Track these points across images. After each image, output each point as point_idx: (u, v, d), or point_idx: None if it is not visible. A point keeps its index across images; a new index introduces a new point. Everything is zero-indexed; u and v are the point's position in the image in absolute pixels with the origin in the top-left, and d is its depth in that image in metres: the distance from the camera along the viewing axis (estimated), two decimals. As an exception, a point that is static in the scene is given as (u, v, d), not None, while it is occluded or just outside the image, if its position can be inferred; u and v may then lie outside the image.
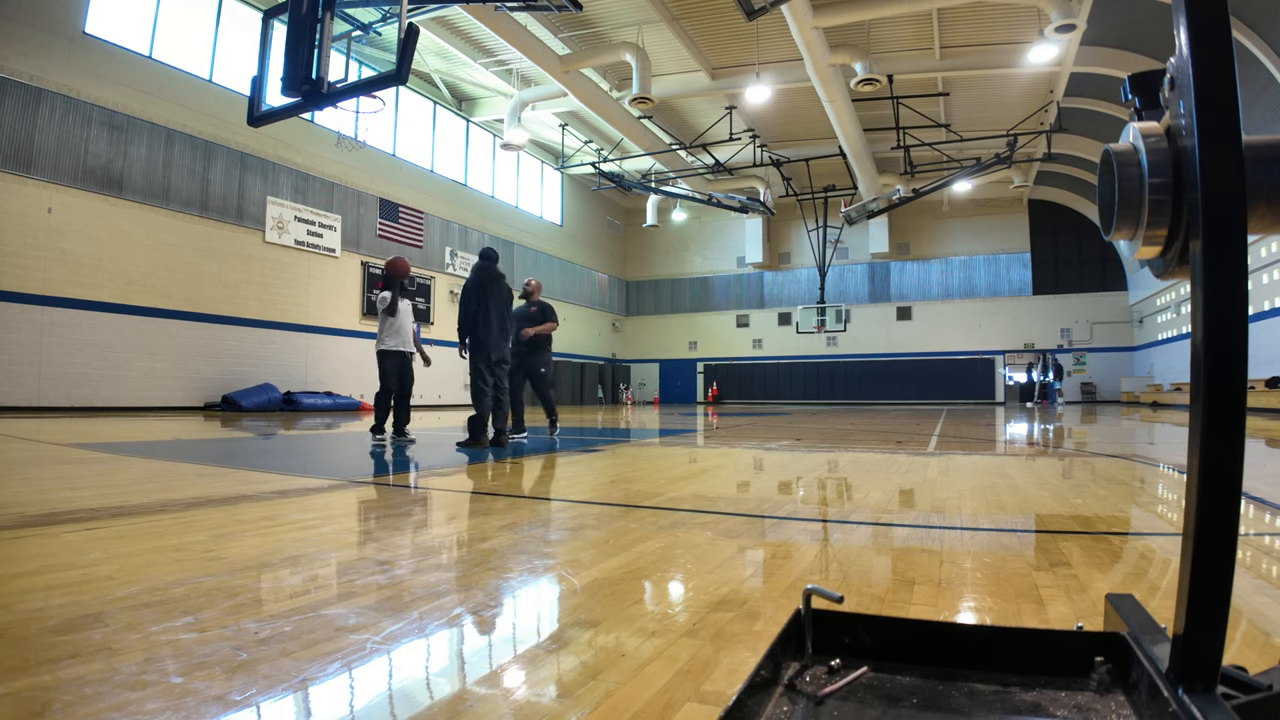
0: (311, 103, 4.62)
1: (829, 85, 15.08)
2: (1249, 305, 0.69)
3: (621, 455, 5.28)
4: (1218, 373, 0.65)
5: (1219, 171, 0.64)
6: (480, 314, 5.86)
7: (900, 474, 4.00)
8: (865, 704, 0.81)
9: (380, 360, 6.74)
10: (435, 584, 1.65)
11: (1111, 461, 4.70)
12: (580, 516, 2.60)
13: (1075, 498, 3.09)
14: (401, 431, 6.65)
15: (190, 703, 0.99)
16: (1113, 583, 1.70)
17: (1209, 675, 0.68)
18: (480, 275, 5.97)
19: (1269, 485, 3.47)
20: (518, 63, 16.70)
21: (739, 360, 28.84)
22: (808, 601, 0.91)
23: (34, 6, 11.06)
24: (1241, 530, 2.20)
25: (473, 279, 5.97)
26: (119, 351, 12.11)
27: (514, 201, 23.23)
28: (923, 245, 27.01)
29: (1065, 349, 25.03)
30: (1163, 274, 0.77)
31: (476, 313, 5.87)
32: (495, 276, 6.02)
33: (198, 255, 13.41)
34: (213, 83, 13.78)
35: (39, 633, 1.28)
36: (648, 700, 1.02)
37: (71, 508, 2.64)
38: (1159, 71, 0.76)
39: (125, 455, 4.79)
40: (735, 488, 3.55)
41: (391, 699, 1.06)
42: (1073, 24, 11.98)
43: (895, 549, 2.11)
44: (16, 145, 10.89)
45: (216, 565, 1.81)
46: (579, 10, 11.08)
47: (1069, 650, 0.86)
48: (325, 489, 3.41)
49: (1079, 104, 17.01)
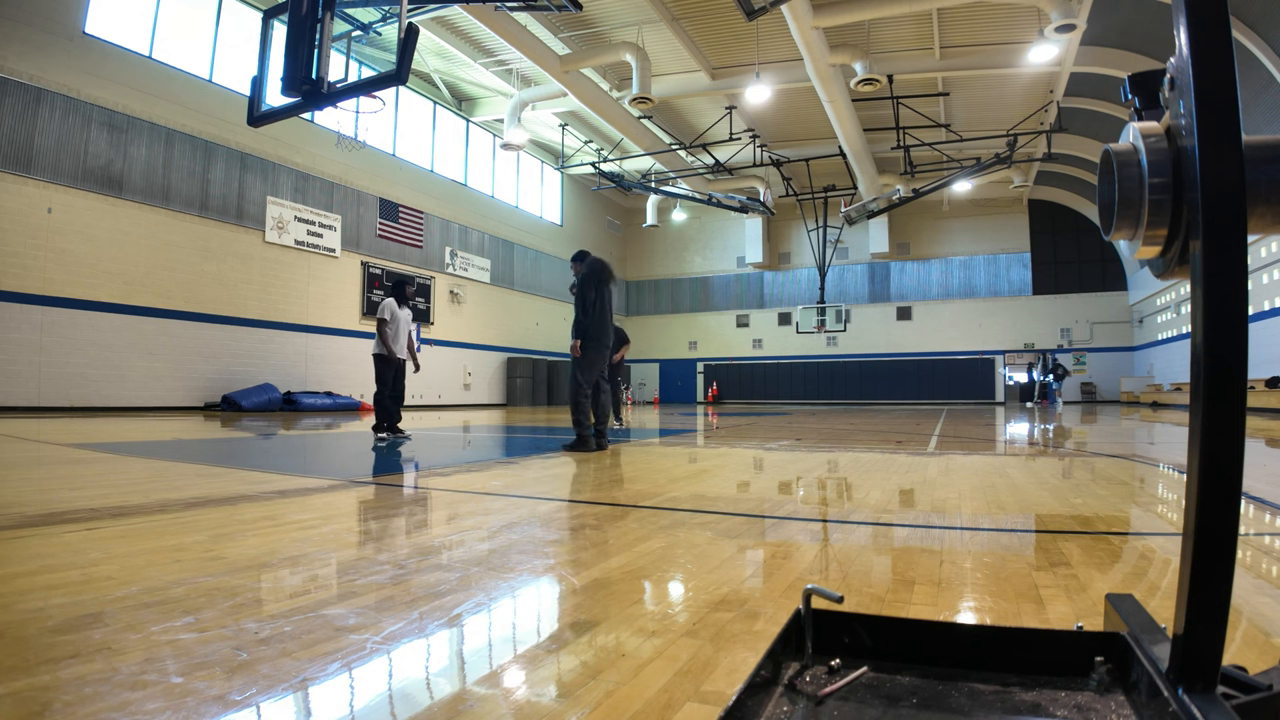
0: (311, 103, 4.62)
1: (829, 85, 15.08)
2: (1249, 305, 0.69)
3: (621, 455, 5.28)
4: (1218, 373, 0.65)
5: (1219, 171, 0.64)
6: (599, 307, 5.58)
7: (900, 474, 4.00)
8: (865, 704, 0.81)
9: (377, 364, 7.07)
10: (435, 584, 1.65)
11: (1111, 461, 4.70)
12: (580, 516, 2.60)
13: (1075, 497, 3.10)
14: (395, 429, 7.03)
15: (190, 703, 0.99)
16: (1113, 583, 1.70)
17: (1209, 675, 0.68)
18: (594, 265, 5.74)
19: (1269, 485, 3.47)
20: (518, 63, 16.70)
21: (739, 360, 28.84)
22: (808, 601, 0.91)
23: (34, 6, 11.06)
24: (1241, 530, 2.19)
25: (588, 270, 5.68)
26: (119, 351, 12.10)
27: (514, 201, 23.23)
28: (923, 245, 27.01)
29: (1065, 349, 25.02)
30: (1163, 274, 0.77)
31: (595, 304, 5.56)
32: (609, 270, 5.81)
33: (197, 255, 13.40)
34: (213, 83, 13.78)
35: (39, 633, 1.28)
36: (648, 700, 1.02)
37: (71, 508, 2.64)
38: (1159, 71, 0.76)
39: (125, 455, 4.79)
40: (735, 488, 3.55)
41: (391, 699, 1.06)
42: (1073, 24, 11.98)
43: (895, 549, 2.11)
44: (16, 145, 10.89)
45: (216, 565, 1.81)
46: (579, 10, 11.08)
47: (1069, 650, 0.86)
48: (325, 489, 3.41)
49: (1079, 104, 17.01)
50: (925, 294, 26.90)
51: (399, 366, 7.12)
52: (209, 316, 13.53)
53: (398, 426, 7.08)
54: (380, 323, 6.99)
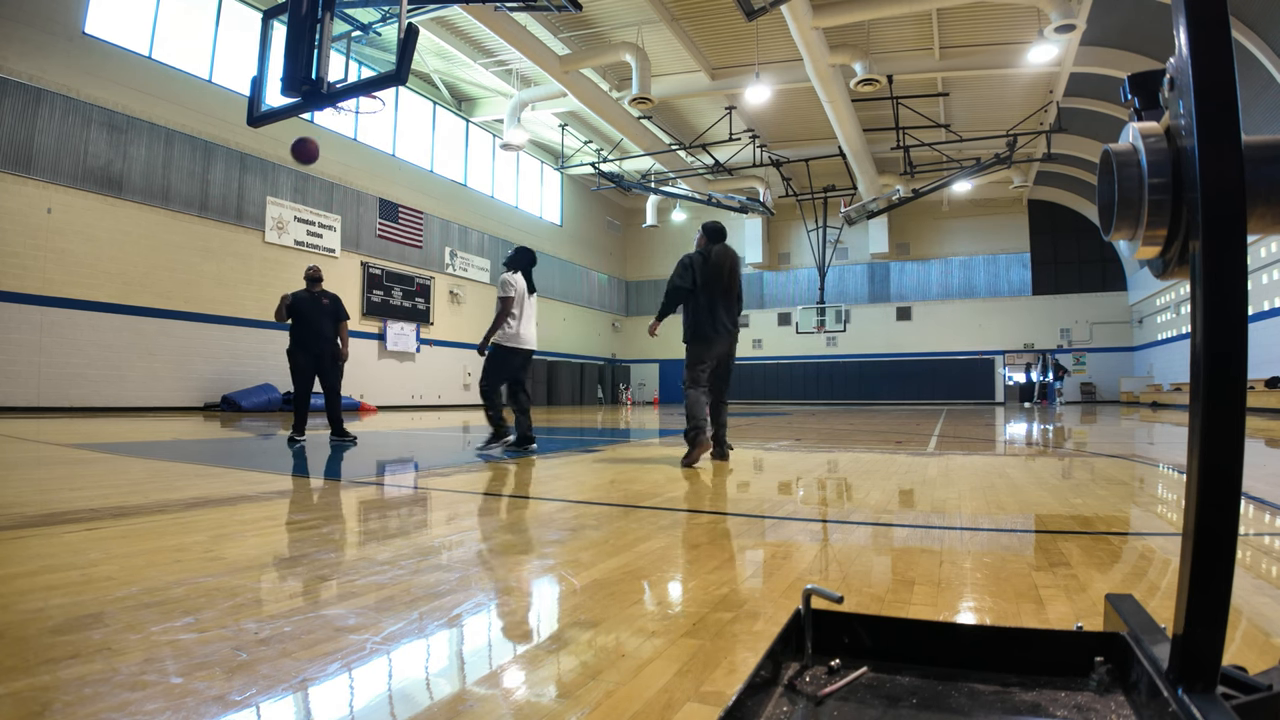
0: (311, 103, 4.62)
1: (829, 85, 15.08)
2: (1249, 305, 0.69)
3: (621, 455, 5.28)
4: (1218, 373, 0.65)
5: (1219, 171, 0.64)
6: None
7: (900, 474, 4.00)
8: (865, 704, 0.81)
9: (495, 358, 5.72)
10: (435, 584, 1.65)
11: (1111, 461, 4.70)
12: (580, 516, 2.60)
13: (1075, 498, 3.10)
14: (524, 441, 5.51)
15: (190, 703, 0.99)
16: (1112, 583, 1.70)
17: (1209, 675, 0.68)
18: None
19: (1269, 485, 3.47)
20: (517, 63, 16.70)
21: (739, 360, 28.70)
22: (808, 601, 0.91)
23: (34, 6, 11.06)
24: (1241, 530, 2.20)
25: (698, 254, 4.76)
26: (118, 351, 12.10)
27: (514, 201, 23.23)
28: (922, 245, 27.01)
29: (1065, 349, 25.03)
30: (1162, 274, 0.77)
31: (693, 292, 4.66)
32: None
33: (197, 255, 13.40)
34: (212, 83, 13.77)
35: (39, 633, 1.28)
36: (648, 700, 1.02)
37: (71, 508, 2.64)
38: (1159, 71, 0.76)
39: (125, 455, 4.79)
40: (735, 488, 3.55)
41: (391, 699, 1.06)
42: (1072, 24, 11.98)
43: (895, 549, 2.11)
44: (16, 145, 10.89)
45: (216, 565, 1.81)
46: (579, 10, 11.07)
47: (1069, 650, 0.86)
48: (325, 489, 3.41)
49: (1079, 104, 17.01)
50: (925, 294, 26.90)
51: (526, 357, 5.58)
52: (209, 317, 13.53)
53: (527, 435, 5.44)
54: (503, 301, 5.45)
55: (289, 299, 6.43)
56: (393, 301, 17.82)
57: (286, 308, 6.42)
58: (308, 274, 6.64)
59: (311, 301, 6.54)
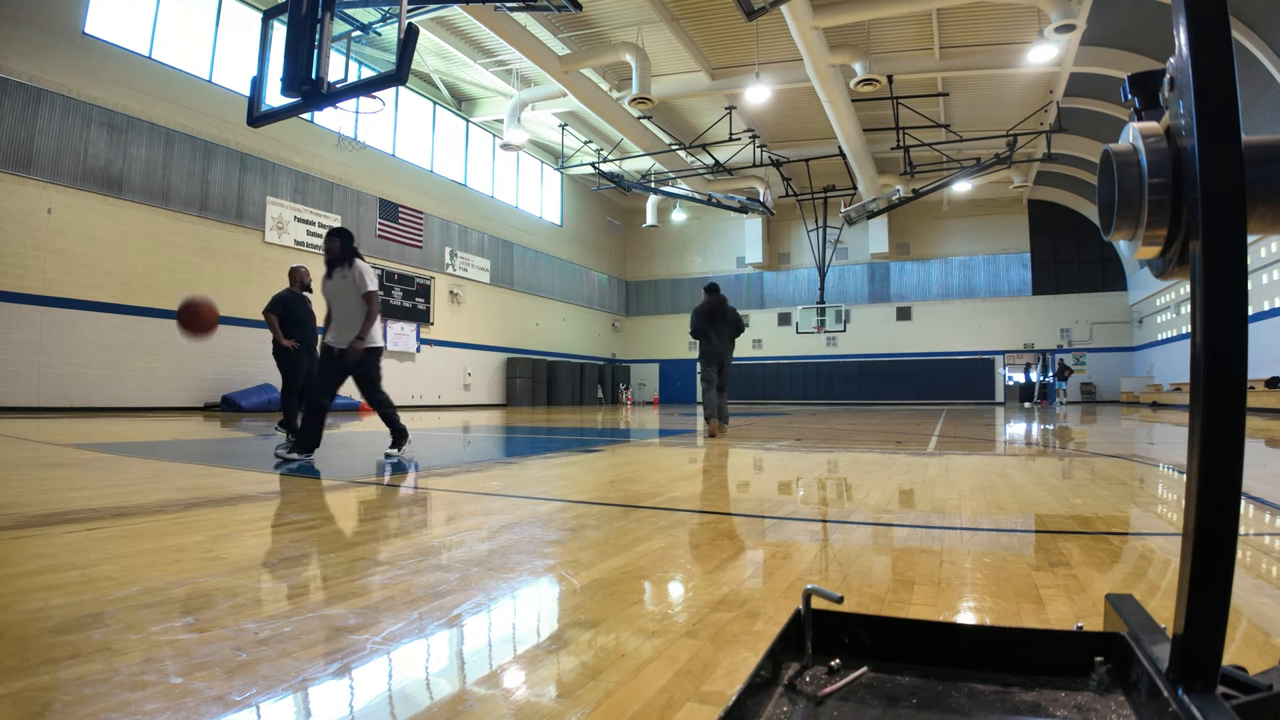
0: (311, 103, 4.62)
1: (829, 85, 15.08)
2: (1249, 305, 0.69)
3: (621, 455, 5.28)
4: (1218, 373, 0.65)
5: (1219, 171, 0.64)
6: None
7: (900, 474, 4.00)
8: (865, 704, 0.81)
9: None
10: (435, 584, 1.65)
11: (1111, 461, 4.70)
12: (580, 516, 2.60)
13: (1075, 498, 3.09)
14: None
15: (190, 703, 0.99)
16: (1112, 583, 1.70)
17: (1209, 675, 0.68)
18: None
19: (1269, 485, 3.47)
20: (517, 63, 16.69)
21: (739, 360, 28.68)
22: (808, 601, 0.91)
23: (34, 6, 11.05)
24: (1241, 530, 2.19)
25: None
26: (118, 352, 12.10)
27: (514, 202, 23.22)
28: (923, 245, 27.01)
29: (1065, 349, 25.02)
30: (1162, 274, 0.77)
31: None
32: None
33: (197, 255, 13.40)
34: (212, 83, 13.77)
35: (39, 633, 1.28)
36: (648, 700, 1.02)
37: (71, 508, 2.64)
38: (1159, 71, 0.76)
39: (125, 455, 4.79)
40: (735, 488, 3.55)
41: (391, 699, 1.06)
42: (1072, 24, 11.99)
43: (895, 549, 2.11)
44: (16, 145, 10.88)
45: (216, 565, 1.81)
46: (579, 10, 11.08)
47: (1069, 650, 0.86)
48: (325, 489, 3.41)
49: (1079, 104, 17.01)
50: (925, 294, 26.89)
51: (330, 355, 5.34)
52: (209, 317, 13.50)
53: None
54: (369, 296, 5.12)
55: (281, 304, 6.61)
56: (392, 301, 17.82)
57: (283, 304, 6.59)
58: (295, 275, 6.77)
59: (300, 302, 6.71)
